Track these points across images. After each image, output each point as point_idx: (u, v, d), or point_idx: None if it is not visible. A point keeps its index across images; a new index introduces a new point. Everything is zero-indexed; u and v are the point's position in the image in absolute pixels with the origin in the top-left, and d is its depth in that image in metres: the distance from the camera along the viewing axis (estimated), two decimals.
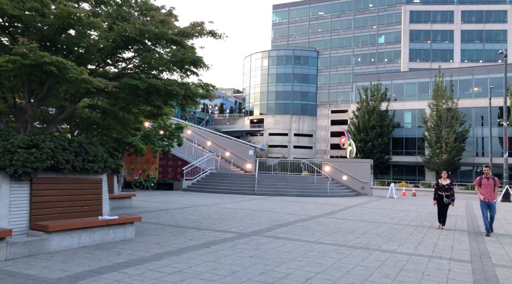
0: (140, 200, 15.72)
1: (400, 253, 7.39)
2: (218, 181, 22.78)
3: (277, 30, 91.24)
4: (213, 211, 13.01)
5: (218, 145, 28.73)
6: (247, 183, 22.18)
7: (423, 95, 54.64)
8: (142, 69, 7.88)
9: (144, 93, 7.28)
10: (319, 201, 18.71)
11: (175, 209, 13.16)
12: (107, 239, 6.92)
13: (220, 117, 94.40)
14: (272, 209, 14.25)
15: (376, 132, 50.66)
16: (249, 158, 27.63)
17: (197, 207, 14.12)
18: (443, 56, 72.85)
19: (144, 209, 12.90)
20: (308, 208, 15.11)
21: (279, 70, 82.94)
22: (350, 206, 16.87)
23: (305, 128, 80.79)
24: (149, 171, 24.37)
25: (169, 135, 22.44)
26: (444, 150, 46.72)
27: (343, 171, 24.52)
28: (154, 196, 18.47)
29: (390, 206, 17.88)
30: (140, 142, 20.23)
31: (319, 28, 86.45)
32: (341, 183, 24.40)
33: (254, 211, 13.50)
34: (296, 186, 22.46)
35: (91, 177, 6.98)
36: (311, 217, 12.35)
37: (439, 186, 11.27)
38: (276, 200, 18.39)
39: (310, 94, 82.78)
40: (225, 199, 17.96)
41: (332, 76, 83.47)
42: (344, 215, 13.29)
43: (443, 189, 11.15)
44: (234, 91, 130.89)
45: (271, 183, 22.56)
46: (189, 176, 23.14)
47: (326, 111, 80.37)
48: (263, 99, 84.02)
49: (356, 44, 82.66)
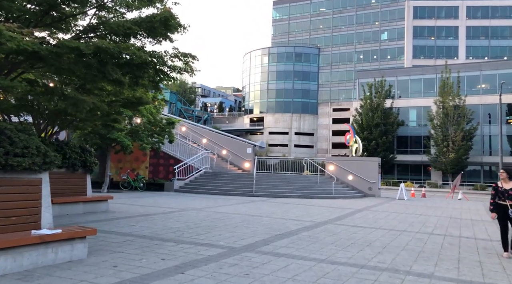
0: (121, 203, 13.85)
1: (441, 279, 5.51)
2: (213, 181, 20.90)
3: (277, 27, 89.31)
4: (202, 216, 11.14)
5: (214, 142, 26.86)
6: (245, 184, 20.31)
7: (429, 92, 52.71)
8: (100, 34, 6.01)
9: (95, 62, 5.41)
10: (324, 203, 16.85)
11: (158, 214, 11.29)
12: (43, 262, 5.05)
13: (219, 115, 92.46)
14: (272, 214, 12.38)
15: (380, 130, 48.77)
16: (248, 156, 25.76)
17: (185, 211, 12.25)
18: (448, 52, 70.81)
19: (122, 214, 11.03)
20: (312, 212, 13.23)
21: (280, 67, 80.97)
22: (359, 209, 14.99)
23: (306, 127, 78.85)
24: (138, 170, 22.50)
25: (159, 131, 20.58)
26: (451, 149, 44.80)
27: (349, 170, 22.64)
28: (140, 198, 16.60)
29: (403, 209, 15.99)
30: (126, 138, 18.36)
31: (321, 25, 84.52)
32: (346, 183, 22.53)
33: (250, 216, 11.64)
34: (298, 186, 20.59)
35: (22, 177, 5.12)
36: (317, 224, 10.48)
37: (500, 191, 7.41)
38: (276, 202, 16.52)
39: (311, 92, 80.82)
40: (219, 201, 16.09)
41: (334, 74, 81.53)
42: (355, 221, 11.41)
43: (507, 195, 7.29)
44: (234, 90, 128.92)
45: (271, 183, 20.68)
46: (182, 175, 21.27)
47: (327, 110, 78.44)
48: (263, 97, 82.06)
49: (358, 41, 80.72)
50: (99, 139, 18.29)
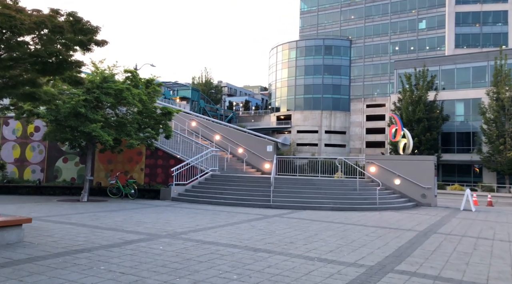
0: (70, 223, 9.54)
1: None
2: (221, 187, 16.40)
3: (305, 19, 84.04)
4: (168, 255, 6.63)
5: (228, 139, 22.42)
6: (261, 190, 15.70)
7: (479, 82, 46.28)
8: None
9: None
10: (368, 219, 12.00)
11: (98, 249, 6.87)
12: None
13: (245, 114, 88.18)
14: (289, 245, 7.73)
15: (423, 126, 42.94)
16: (268, 156, 21.16)
17: (153, 241, 7.79)
18: (496, 40, 63.35)
19: (35, 250, 6.67)
20: (355, 240, 8.47)
21: (308, 61, 75.79)
22: (423, 231, 10.07)
23: (337, 125, 73.30)
24: (132, 173, 18.33)
25: (153, 124, 16.32)
26: (509, 146, 38.47)
27: (395, 172, 17.61)
28: (112, 211, 12.29)
29: (490, 230, 10.89)
30: (105, 132, 14.13)
31: (352, 15, 78.62)
32: (392, 189, 17.53)
33: (252, 252, 7.03)
34: (330, 194, 15.77)
35: None
36: (368, 275, 5.74)
37: None
38: (299, 218, 11.83)
39: (343, 87, 75.12)
40: (220, 217, 11.56)
41: (367, 67, 75.41)
42: (433, 262, 6.57)
43: None
44: (262, 89, 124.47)
45: (294, 190, 15.96)
46: (182, 179, 16.90)
47: (360, 106, 72.64)
48: (290, 94, 77.09)
49: (393, 31, 74.27)
50: (69, 134, 14.19)
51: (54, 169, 19.02)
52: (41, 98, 7.25)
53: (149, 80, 16.93)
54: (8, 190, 17.53)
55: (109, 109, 15.59)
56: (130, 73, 15.89)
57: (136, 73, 16.18)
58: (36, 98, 7.23)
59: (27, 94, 6.97)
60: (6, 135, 19.31)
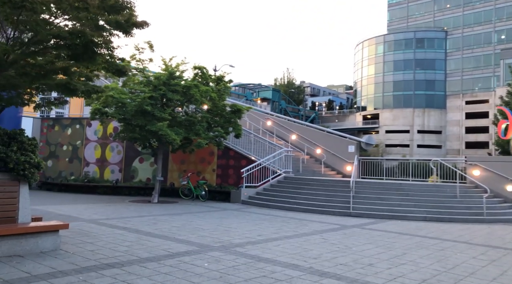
0: (117, 226, 8.82)
1: None
2: (294, 191, 14.89)
3: (394, 12, 78.66)
4: (210, 276, 5.35)
5: (305, 139, 20.83)
6: (339, 195, 13.87)
7: None
8: None
9: None
10: (474, 234, 9.60)
11: (131, 263, 5.85)
12: None
13: (328, 114, 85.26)
14: (367, 271, 5.97)
15: None
16: (350, 157, 19.10)
17: (201, 254, 6.62)
18: None
19: (65, 263, 5.87)
20: (458, 265, 6.40)
21: (397, 56, 70.63)
22: None
23: (432, 124, 67.10)
24: (204, 173, 17.69)
25: (223, 122, 15.43)
26: None
27: (508, 177, 14.50)
28: (175, 215, 11.49)
29: None
30: (172, 131, 13.51)
31: (447, 3, 71.55)
32: (503, 197, 14.43)
33: (318, 277, 5.45)
34: (423, 201, 13.36)
35: None
36: None
37: None
38: (384, 231, 9.87)
39: (437, 83, 68.63)
40: (288, 226, 10.09)
41: (466, 60, 67.90)
42: None
43: None
44: (346, 88, 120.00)
45: (379, 196, 13.84)
46: (254, 181, 15.75)
47: (458, 102, 65.67)
48: (378, 92, 72.57)
49: (498, 18, 65.91)
50: (138, 133, 13.83)
51: (131, 169, 19.17)
52: (77, 89, 6.56)
53: (219, 77, 16.12)
54: (88, 189, 18.03)
55: (178, 108, 15.04)
56: (199, 69, 15.18)
57: (205, 70, 15.43)
58: (71, 89, 6.53)
59: (62, 84, 6.31)
60: (89, 136, 20.00)
